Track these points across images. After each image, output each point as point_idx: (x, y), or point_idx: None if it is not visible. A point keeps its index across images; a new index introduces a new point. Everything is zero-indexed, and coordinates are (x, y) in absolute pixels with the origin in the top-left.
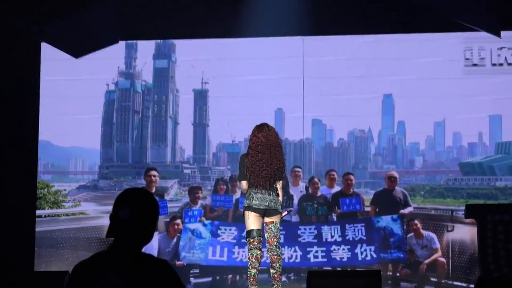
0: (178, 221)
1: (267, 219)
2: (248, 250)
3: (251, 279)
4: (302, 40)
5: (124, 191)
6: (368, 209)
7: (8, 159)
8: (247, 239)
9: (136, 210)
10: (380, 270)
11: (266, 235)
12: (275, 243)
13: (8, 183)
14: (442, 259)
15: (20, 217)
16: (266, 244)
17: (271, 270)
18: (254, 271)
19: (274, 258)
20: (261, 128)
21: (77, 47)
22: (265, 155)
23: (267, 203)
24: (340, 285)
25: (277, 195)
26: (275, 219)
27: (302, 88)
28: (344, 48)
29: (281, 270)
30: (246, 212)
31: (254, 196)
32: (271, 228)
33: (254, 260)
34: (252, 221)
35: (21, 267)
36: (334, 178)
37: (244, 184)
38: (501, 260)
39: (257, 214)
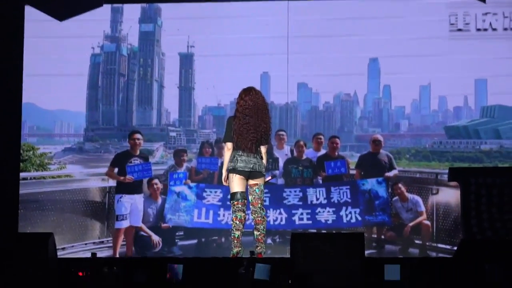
0: (156, 180)
1: (251, 182)
2: (232, 213)
3: (235, 241)
4: (287, 4)
5: None
6: (353, 172)
7: None
8: (231, 202)
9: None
10: (363, 232)
11: (250, 197)
12: (259, 205)
13: None
14: (427, 222)
15: (4, 179)
16: (250, 206)
17: (255, 232)
18: (238, 233)
19: (258, 220)
20: (248, 92)
21: (61, 10)
22: (252, 118)
23: (251, 166)
24: (323, 247)
25: (261, 158)
26: (259, 181)
27: (287, 50)
28: (329, 10)
29: (265, 232)
30: (231, 175)
31: (239, 158)
32: (255, 190)
33: (238, 222)
34: (237, 183)
35: (5, 229)
36: (321, 141)
37: (229, 145)
38: (484, 222)
39: (241, 177)
